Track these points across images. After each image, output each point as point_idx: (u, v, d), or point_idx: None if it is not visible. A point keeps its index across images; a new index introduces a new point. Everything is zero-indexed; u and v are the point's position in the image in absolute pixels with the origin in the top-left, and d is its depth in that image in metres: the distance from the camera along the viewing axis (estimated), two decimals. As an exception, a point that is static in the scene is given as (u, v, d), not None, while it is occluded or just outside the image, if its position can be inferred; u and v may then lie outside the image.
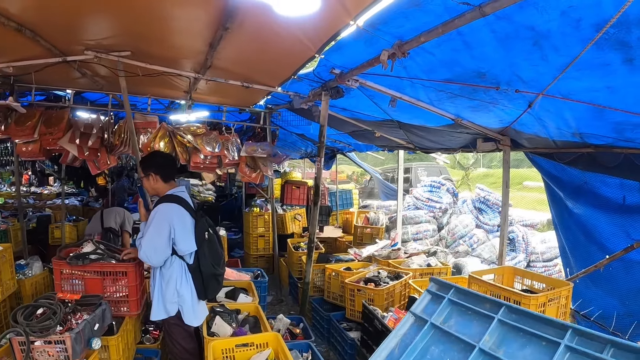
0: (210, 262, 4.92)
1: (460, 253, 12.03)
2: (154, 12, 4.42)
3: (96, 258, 5.09)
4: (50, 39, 5.39)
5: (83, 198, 17.28)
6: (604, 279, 5.41)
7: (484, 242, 12.41)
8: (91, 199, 17.28)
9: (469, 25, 3.26)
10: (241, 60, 5.92)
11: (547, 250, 11.87)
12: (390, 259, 8.17)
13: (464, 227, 12.76)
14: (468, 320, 3.34)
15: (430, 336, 3.40)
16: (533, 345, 2.92)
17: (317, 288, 8.38)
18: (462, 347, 3.16)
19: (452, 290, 3.62)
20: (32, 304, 4.32)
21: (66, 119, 7.80)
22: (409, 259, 8.16)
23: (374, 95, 6.08)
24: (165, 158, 5.48)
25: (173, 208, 4.78)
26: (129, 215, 9.39)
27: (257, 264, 11.50)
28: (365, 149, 11.64)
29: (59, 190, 18.76)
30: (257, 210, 12.00)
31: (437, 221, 14.01)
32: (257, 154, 9.21)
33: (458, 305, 3.50)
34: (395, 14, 3.49)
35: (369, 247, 9.24)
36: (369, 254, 8.79)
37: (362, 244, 10.57)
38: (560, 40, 3.18)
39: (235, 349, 4.69)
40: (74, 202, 15.85)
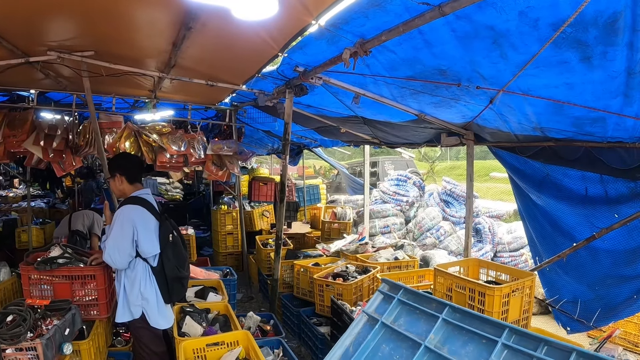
0: (174, 264, 4.90)
1: (428, 245, 12.16)
2: (116, 12, 4.42)
3: (64, 262, 5.05)
4: (13, 40, 5.35)
5: (49, 200, 17.01)
6: (572, 267, 5.54)
7: (451, 234, 12.56)
8: (57, 201, 17.06)
9: (429, 25, 3.33)
10: (205, 59, 5.95)
11: (514, 240, 12.06)
12: (358, 254, 8.23)
13: (430, 220, 12.88)
14: (416, 320, 3.48)
15: (381, 335, 3.53)
16: (474, 343, 3.08)
17: (286, 284, 8.40)
18: (409, 344, 3.31)
19: (402, 291, 3.74)
20: (1, 311, 4.29)
21: (30, 120, 7.69)
22: (376, 253, 8.22)
23: (338, 92, 6.14)
24: (131, 159, 5.44)
25: (136, 210, 4.76)
26: (99, 218, 9.28)
27: (227, 261, 11.53)
28: (332, 144, 11.66)
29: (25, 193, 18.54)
30: (225, 208, 11.98)
31: (404, 214, 14.13)
32: (224, 152, 9.21)
33: (407, 305, 3.63)
34: (357, 14, 3.53)
35: (336, 242, 9.29)
36: (337, 249, 8.85)
37: (330, 239, 10.62)
38: (519, 39, 3.25)
39: (206, 349, 4.70)
40: (40, 204, 15.62)
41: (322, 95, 6.50)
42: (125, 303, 4.83)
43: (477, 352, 3.00)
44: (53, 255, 5.19)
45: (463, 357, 3.01)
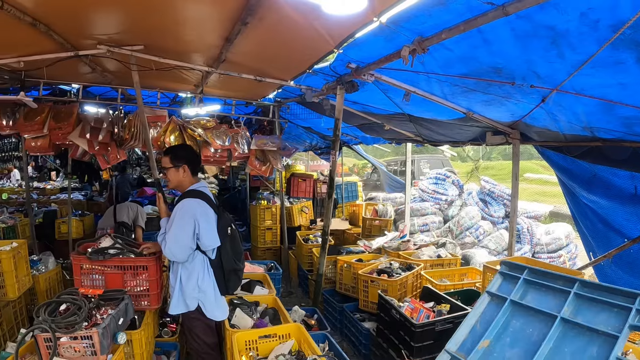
0: (232, 257, 4.93)
1: (467, 244, 12.07)
2: (170, 6, 4.47)
3: (115, 253, 5.12)
4: (63, 34, 5.42)
5: (87, 192, 17.26)
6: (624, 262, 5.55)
7: (490, 233, 12.45)
8: (95, 194, 17.29)
9: (490, 23, 3.32)
10: (256, 54, 5.95)
11: (552, 242, 11.93)
12: (400, 251, 8.21)
13: (470, 219, 12.78)
14: (544, 295, 3.63)
15: (509, 312, 3.68)
16: (606, 312, 3.21)
17: (328, 280, 8.41)
18: (542, 318, 3.45)
19: (527, 271, 3.89)
20: (55, 299, 4.34)
21: (75, 113, 7.84)
22: (419, 251, 8.23)
23: (388, 89, 6.12)
24: (194, 152, 5.50)
25: (197, 203, 4.78)
26: (142, 211, 9.46)
27: (265, 256, 11.59)
28: (373, 141, 11.60)
29: (62, 185, 18.85)
30: (265, 203, 12.05)
31: (442, 213, 14.07)
32: (267, 147, 9.28)
33: (532, 283, 3.79)
34: (420, 12, 3.54)
35: (378, 239, 9.29)
36: (378, 245, 8.84)
37: (371, 236, 10.60)
38: (577, 39, 3.24)
39: (258, 341, 4.76)
40: (78, 196, 15.83)
41: (370, 92, 6.48)
42: (181, 295, 4.88)
43: (612, 319, 3.14)
44: (104, 246, 5.26)
45: (598, 325, 3.12)
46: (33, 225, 9.57)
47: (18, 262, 6.03)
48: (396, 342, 5.79)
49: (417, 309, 5.79)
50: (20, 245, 6.19)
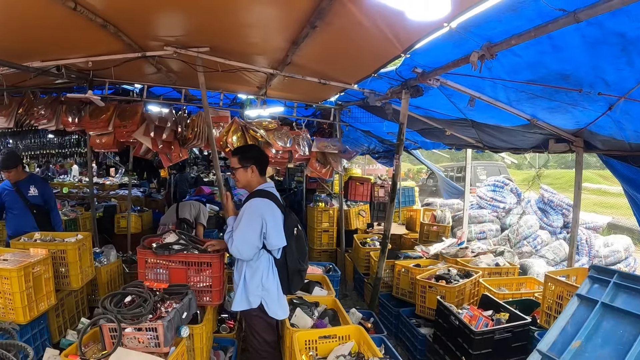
0: (296, 257, 4.96)
1: (525, 253, 11.83)
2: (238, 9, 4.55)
3: (180, 249, 5.24)
4: (132, 35, 5.58)
5: (145, 189, 17.64)
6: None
7: (548, 243, 12.20)
8: (153, 191, 17.63)
9: (560, 30, 3.30)
10: (322, 57, 5.99)
11: (611, 254, 11.62)
12: (458, 258, 8.16)
13: (528, 228, 12.47)
14: (634, 298, 3.75)
15: (600, 314, 3.81)
16: None
17: (384, 284, 8.34)
18: (633, 320, 3.57)
19: (616, 275, 3.99)
20: (121, 291, 4.48)
21: (140, 112, 8.03)
22: (476, 258, 8.15)
23: (452, 94, 6.11)
24: (263, 152, 5.52)
25: (265, 203, 4.82)
26: (204, 209, 9.65)
27: (320, 258, 11.66)
28: (432, 146, 11.52)
29: (121, 181, 19.24)
30: (322, 206, 12.09)
31: (500, 221, 13.84)
32: (328, 150, 9.30)
33: (623, 287, 3.91)
34: (490, 17, 3.55)
35: (436, 244, 9.23)
36: (436, 251, 8.78)
37: (429, 241, 10.48)
38: (649, 47, 3.21)
39: (318, 341, 4.78)
40: (137, 193, 16.14)
41: (433, 97, 6.47)
42: (244, 292, 4.92)
43: None
44: (168, 241, 5.39)
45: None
46: (95, 219, 9.83)
47: (82, 254, 6.24)
48: (453, 349, 5.74)
49: (476, 316, 5.75)
50: (85, 237, 6.39)
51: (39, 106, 8.26)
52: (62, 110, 8.25)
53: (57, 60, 6.66)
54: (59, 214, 7.90)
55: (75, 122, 8.21)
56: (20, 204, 7.20)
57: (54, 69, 6.79)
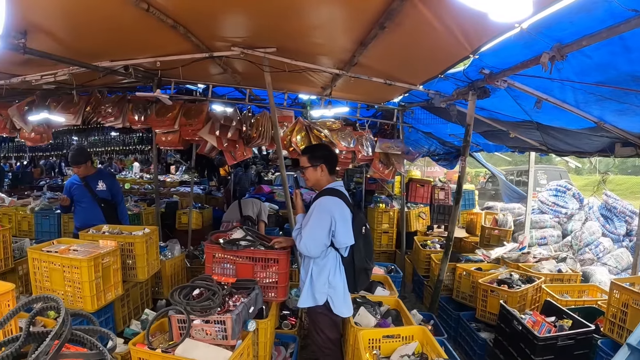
0: (363, 256, 4.96)
1: (586, 261, 11.58)
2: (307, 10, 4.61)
3: (247, 244, 5.34)
4: (200, 36, 5.70)
5: (205, 187, 17.94)
6: None
7: (610, 251, 11.91)
8: (213, 188, 17.90)
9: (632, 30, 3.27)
10: (388, 58, 5.99)
11: (674, 262, 11.33)
12: (520, 263, 8.05)
13: (590, 235, 12.14)
14: None
15: None
16: None
17: (444, 287, 8.28)
18: None
19: None
20: (190, 284, 4.59)
21: (205, 111, 8.15)
22: (538, 264, 8.02)
23: (519, 96, 6.05)
24: (332, 151, 5.56)
25: (335, 201, 4.85)
26: (265, 206, 9.86)
27: (379, 259, 11.57)
28: (495, 149, 11.41)
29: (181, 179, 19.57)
30: (383, 207, 12.07)
31: (561, 227, 13.53)
32: (391, 151, 9.27)
33: None
34: (562, 18, 3.52)
35: (497, 249, 9.12)
36: (497, 255, 8.68)
37: (489, 245, 10.43)
38: None
39: (382, 340, 4.77)
40: (197, 190, 16.40)
41: (499, 99, 6.43)
42: (310, 289, 4.95)
43: None
44: (235, 237, 5.50)
45: None
46: (159, 214, 10.03)
47: (149, 247, 6.42)
48: (515, 354, 5.71)
49: (538, 322, 5.69)
50: (152, 231, 6.58)
51: (106, 104, 8.48)
52: (129, 108, 8.46)
53: (125, 60, 6.89)
54: (125, 208, 8.13)
55: (141, 120, 8.42)
56: (89, 197, 7.44)
57: (121, 69, 7.00)
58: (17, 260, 6.78)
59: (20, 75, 7.66)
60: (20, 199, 12.71)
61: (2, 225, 6.60)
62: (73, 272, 5.20)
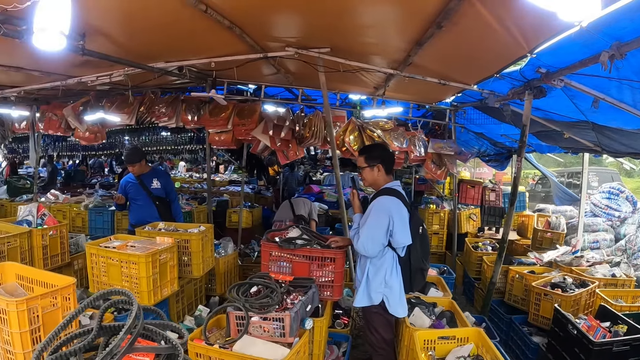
0: (420, 256, 4.98)
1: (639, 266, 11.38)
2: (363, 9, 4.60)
3: (303, 243, 5.38)
4: (255, 37, 5.76)
5: (254, 186, 18.07)
6: None
7: (663, 256, 11.63)
8: (262, 188, 18.05)
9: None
10: (442, 57, 5.96)
11: None
12: (573, 266, 7.89)
13: None
14: None
15: None
16: None
17: (495, 289, 8.11)
18: None
19: None
20: (248, 281, 4.66)
21: (258, 111, 8.24)
22: (591, 268, 7.85)
23: (575, 96, 5.92)
24: (388, 151, 5.56)
25: (393, 201, 4.82)
26: (315, 206, 9.93)
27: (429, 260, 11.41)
28: (548, 150, 11.24)
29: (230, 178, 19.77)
30: (433, 208, 12.01)
31: (614, 230, 13.17)
32: (444, 152, 9.23)
33: None
34: (623, 16, 3.46)
35: (549, 252, 8.93)
36: (550, 259, 8.52)
37: (542, 248, 10.26)
38: None
39: (437, 341, 4.72)
40: (246, 189, 16.52)
41: (554, 99, 6.30)
42: (366, 289, 4.96)
43: None
44: (292, 236, 5.56)
45: None
46: (211, 213, 10.18)
47: (205, 244, 6.53)
48: (569, 359, 5.63)
49: (593, 327, 5.61)
50: (207, 229, 6.69)
51: (160, 104, 8.65)
52: (182, 108, 8.61)
53: (180, 61, 7.00)
54: (179, 205, 8.29)
55: (194, 120, 8.57)
56: (144, 195, 7.59)
57: (175, 70, 7.11)
58: (72, 255, 7.00)
59: (76, 76, 7.83)
60: (73, 197, 13.01)
61: (59, 221, 6.79)
62: (131, 268, 5.32)
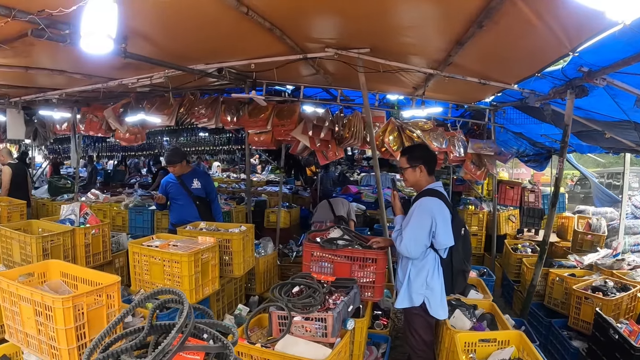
0: (462, 257, 4.96)
1: (682, 271, 11.12)
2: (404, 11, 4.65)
3: (345, 244, 5.40)
4: (295, 38, 5.81)
5: (292, 186, 18.18)
6: None
7: None
8: (300, 188, 18.15)
9: None
10: (483, 57, 5.94)
11: None
12: (614, 269, 7.76)
13: None
14: None
15: None
16: None
17: (534, 292, 8.05)
18: None
19: None
20: (290, 281, 4.70)
21: (298, 111, 8.31)
22: (633, 271, 7.70)
23: (617, 94, 5.87)
24: (431, 152, 5.53)
25: (435, 202, 4.81)
26: (352, 206, 9.94)
27: (467, 262, 11.36)
28: (588, 150, 11.13)
29: (267, 178, 19.86)
30: (472, 209, 11.97)
31: (656, 233, 12.88)
32: (484, 152, 9.17)
33: None
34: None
35: (590, 254, 8.77)
36: (590, 261, 8.37)
37: (582, 250, 10.06)
38: None
39: (477, 343, 4.69)
40: (284, 189, 16.60)
41: (596, 98, 6.22)
42: (407, 290, 4.96)
43: None
44: (333, 236, 5.59)
45: None
46: (250, 213, 10.30)
47: (246, 244, 6.59)
48: (609, 364, 5.55)
49: (635, 331, 5.50)
50: (248, 229, 6.74)
51: (200, 106, 8.77)
52: (222, 109, 8.70)
53: (219, 63, 7.09)
54: (219, 205, 8.38)
55: (233, 121, 8.69)
56: (184, 195, 7.66)
57: (215, 71, 7.19)
58: (113, 254, 7.17)
59: (117, 78, 7.97)
60: (113, 196, 13.21)
61: (101, 220, 6.91)
62: (173, 267, 5.41)
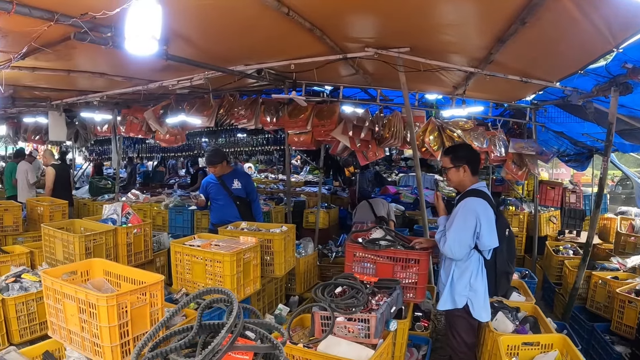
0: (506, 259, 4.92)
1: None
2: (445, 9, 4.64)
3: (387, 244, 5.37)
4: (335, 38, 5.82)
5: (330, 187, 18.22)
6: None
7: None
8: (338, 188, 18.18)
9: None
10: (523, 54, 5.89)
11: None
12: (658, 273, 7.63)
13: None
14: None
15: None
16: None
17: (577, 296, 7.92)
18: None
19: None
20: (333, 282, 4.68)
21: (337, 112, 8.34)
22: (674, 274, 7.58)
23: (663, 92, 5.79)
24: (474, 152, 5.48)
25: (480, 203, 4.76)
26: (391, 206, 9.98)
27: (508, 264, 11.23)
28: (632, 149, 10.96)
29: (305, 179, 19.92)
30: (513, 209, 11.81)
31: (697, 235, 12.53)
32: (525, 152, 9.04)
33: None
34: None
35: (633, 257, 8.56)
36: (634, 264, 8.17)
37: (625, 252, 9.79)
38: None
39: (520, 347, 4.63)
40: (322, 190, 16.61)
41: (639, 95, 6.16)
42: (450, 292, 4.93)
43: None
44: (375, 237, 5.56)
45: None
46: (290, 213, 10.36)
47: (287, 244, 6.61)
48: (652, 369, 5.45)
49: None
50: (289, 229, 6.77)
51: (239, 107, 8.84)
52: (261, 110, 8.76)
53: (259, 64, 7.13)
54: (260, 205, 8.42)
55: (273, 122, 8.76)
56: (225, 195, 7.71)
57: (254, 72, 7.23)
58: (155, 253, 7.26)
59: (157, 80, 8.06)
60: (152, 196, 13.40)
61: (143, 219, 7.00)
62: (215, 266, 5.45)
